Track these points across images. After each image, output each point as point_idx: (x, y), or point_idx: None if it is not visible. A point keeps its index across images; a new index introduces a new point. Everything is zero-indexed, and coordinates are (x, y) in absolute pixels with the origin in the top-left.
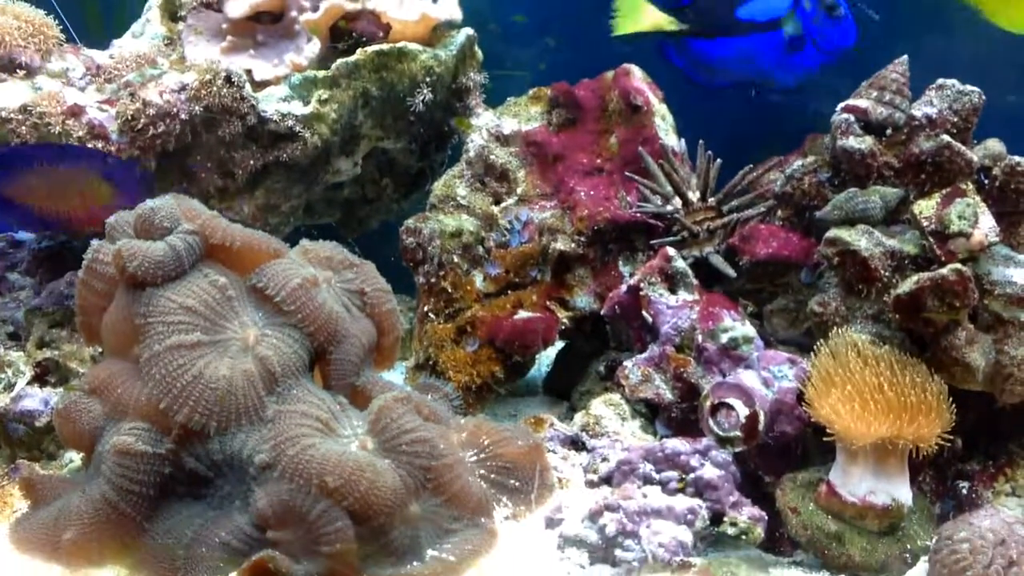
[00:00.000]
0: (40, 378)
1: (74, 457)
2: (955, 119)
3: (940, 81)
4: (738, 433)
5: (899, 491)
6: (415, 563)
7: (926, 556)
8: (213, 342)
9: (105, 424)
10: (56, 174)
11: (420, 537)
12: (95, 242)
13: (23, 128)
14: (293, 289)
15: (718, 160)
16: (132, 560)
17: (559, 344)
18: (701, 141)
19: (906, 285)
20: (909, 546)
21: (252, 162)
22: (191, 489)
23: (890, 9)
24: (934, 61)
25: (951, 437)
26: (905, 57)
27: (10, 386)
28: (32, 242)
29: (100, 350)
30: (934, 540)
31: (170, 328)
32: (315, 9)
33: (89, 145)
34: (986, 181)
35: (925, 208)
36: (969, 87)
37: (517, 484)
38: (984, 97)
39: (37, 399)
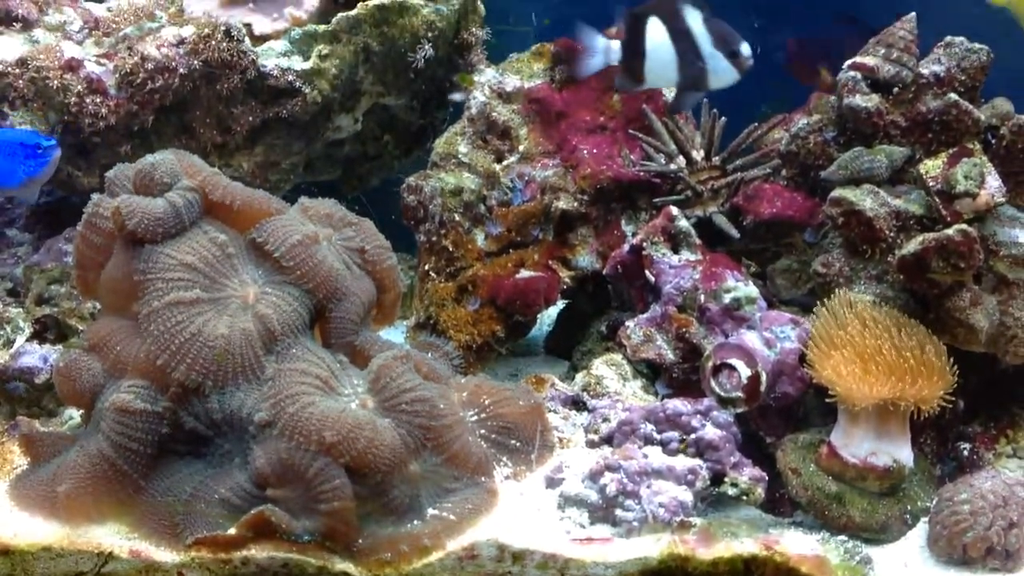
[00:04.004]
0: (39, 335)
1: (74, 414)
2: (963, 77)
3: (948, 39)
4: (740, 394)
5: (900, 452)
6: (416, 522)
7: (926, 517)
8: (212, 299)
9: (105, 381)
10: None
11: (421, 496)
12: (95, 196)
13: (20, 82)
14: (293, 245)
15: (722, 118)
16: (131, 518)
17: (561, 303)
18: (705, 99)
19: (911, 245)
20: (909, 507)
21: (251, 118)
22: (191, 447)
23: None
24: (942, 21)
25: (953, 399)
26: (913, 15)
27: (9, 343)
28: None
29: (98, 306)
30: (935, 501)
31: (169, 285)
32: None
33: (87, 99)
34: (993, 140)
35: (931, 168)
36: (977, 45)
37: (518, 444)
38: (992, 55)
39: (36, 356)
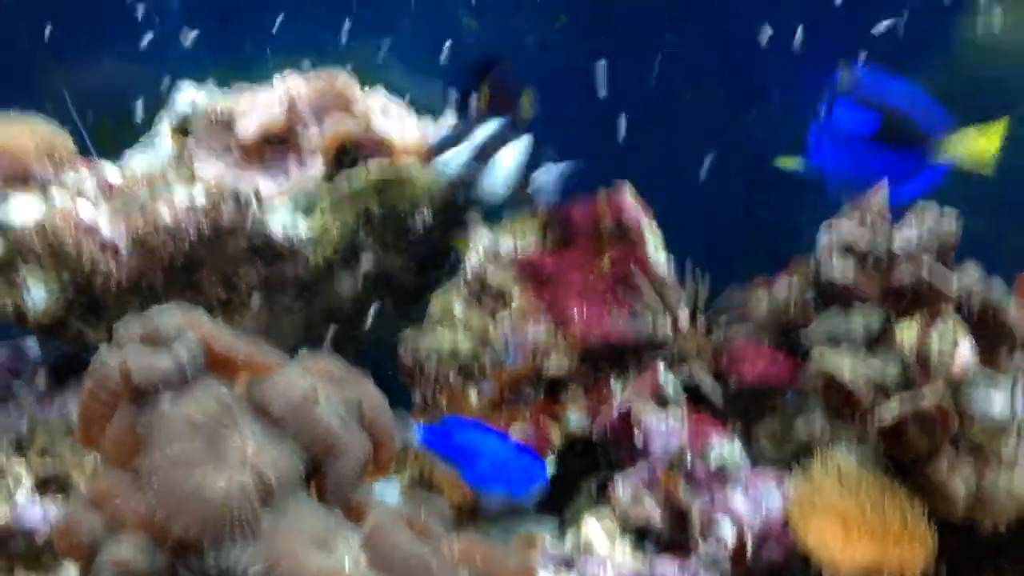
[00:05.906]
0: (41, 488)
1: (72, 571)
2: (935, 244)
3: (920, 205)
4: (727, 555)
5: None
6: None
7: None
8: (212, 454)
9: (104, 536)
10: None
11: None
12: (102, 348)
13: (36, 243)
14: (292, 402)
15: (706, 278)
16: None
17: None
18: (689, 261)
19: (888, 413)
20: None
21: (256, 277)
22: None
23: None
24: None
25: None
26: (885, 180)
27: (10, 497)
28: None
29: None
30: None
31: (170, 439)
32: (321, 131)
33: (99, 259)
34: (965, 307)
35: (906, 333)
36: (948, 210)
37: None
38: (962, 220)
39: (36, 510)
